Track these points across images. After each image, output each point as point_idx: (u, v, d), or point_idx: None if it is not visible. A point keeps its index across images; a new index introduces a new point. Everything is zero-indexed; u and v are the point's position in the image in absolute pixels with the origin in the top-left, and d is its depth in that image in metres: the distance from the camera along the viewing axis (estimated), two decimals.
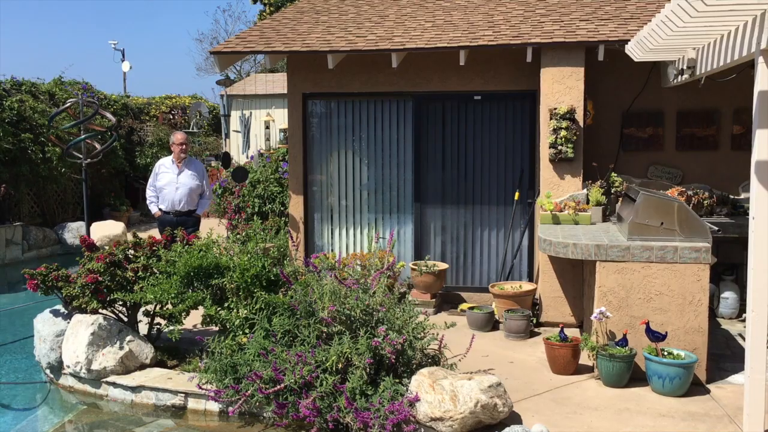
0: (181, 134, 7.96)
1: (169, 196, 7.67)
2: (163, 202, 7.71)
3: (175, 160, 7.79)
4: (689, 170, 7.33)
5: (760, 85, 4.06)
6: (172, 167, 7.77)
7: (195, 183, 7.76)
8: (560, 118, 6.78)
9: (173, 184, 7.69)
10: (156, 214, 7.80)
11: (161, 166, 7.86)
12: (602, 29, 7.02)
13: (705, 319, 5.22)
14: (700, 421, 4.58)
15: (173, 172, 7.74)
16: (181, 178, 7.70)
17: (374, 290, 5.24)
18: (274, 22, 8.35)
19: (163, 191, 7.71)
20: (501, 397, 4.47)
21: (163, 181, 7.73)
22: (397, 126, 7.95)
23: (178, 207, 7.66)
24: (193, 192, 7.74)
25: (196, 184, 7.76)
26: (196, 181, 7.78)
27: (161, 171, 7.81)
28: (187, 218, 7.68)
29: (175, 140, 7.86)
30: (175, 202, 7.66)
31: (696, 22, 4.33)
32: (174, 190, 7.67)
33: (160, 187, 7.73)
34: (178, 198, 7.66)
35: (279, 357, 4.86)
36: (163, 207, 7.72)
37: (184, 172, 7.74)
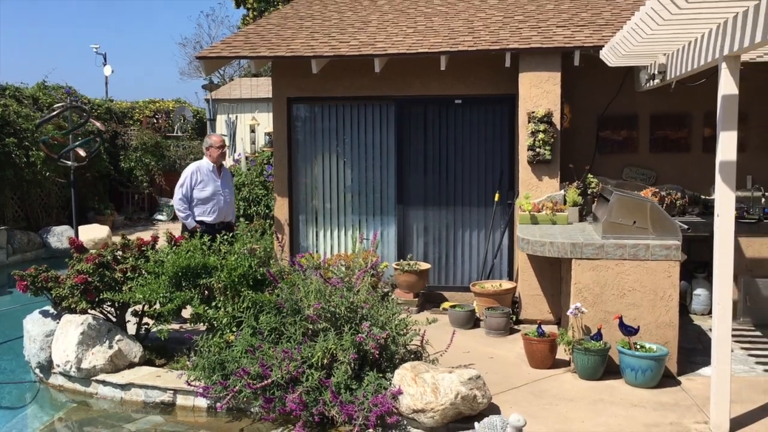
0: (218, 137, 7.34)
1: (218, 207, 7.04)
2: (209, 213, 7.01)
3: (214, 167, 7.12)
4: (662, 171, 7.57)
5: (724, 90, 4.28)
6: (212, 175, 7.08)
7: (232, 192, 7.38)
8: (538, 121, 6.99)
9: (220, 193, 7.08)
10: (195, 228, 6.90)
11: (197, 174, 7.04)
12: (578, 35, 7.25)
13: (675, 313, 5.43)
14: (670, 410, 4.79)
15: (215, 180, 7.08)
16: (224, 186, 7.16)
17: (358, 289, 5.41)
18: (258, 27, 8.51)
19: (210, 202, 7.01)
20: (480, 389, 4.65)
21: (208, 190, 7.01)
22: (380, 129, 8.12)
23: (226, 218, 7.18)
24: (233, 200, 7.39)
25: (233, 189, 7.43)
26: (232, 189, 7.40)
27: (200, 179, 7.02)
28: (226, 228, 7.14)
29: (214, 143, 7.15)
30: (226, 212, 7.14)
31: (664, 29, 4.54)
32: (223, 199, 7.09)
33: (205, 197, 7.00)
34: (225, 208, 7.14)
35: (266, 354, 5.01)
36: (209, 219, 7.01)
37: (225, 178, 7.21)
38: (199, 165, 7.10)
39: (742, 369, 5.60)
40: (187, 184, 6.97)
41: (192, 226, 6.92)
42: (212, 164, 7.07)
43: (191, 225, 6.94)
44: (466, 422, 4.58)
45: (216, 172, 7.08)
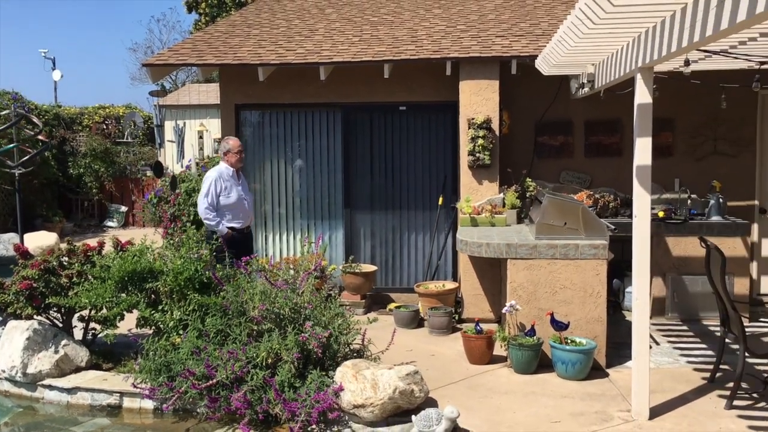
0: (236, 140, 6.90)
1: (244, 212, 6.80)
2: (237, 219, 6.73)
3: (234, 171, 6.78)
4: (597, 175, 7.93)
5: (639, 99, 4.59)
6: (233, 179, 6.75)
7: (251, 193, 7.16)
8: (478, 127, 7.27)
9: (243, 197, 6.80)
10: (228, 234, 6.62)
11: (220, 180, 6.68)
12: (515, 45, 7.56)
13: (604, 309, 5.74)
14: (596, 400, 5.08)
15: (237, 185, 6.78)
16: (245, 191, 6.92)
17: (302, 290, 5.58)
18: (206, 35, 8.62)
19: (237, 207, 6.73)
20: (418, 384, 4.87)
21: (233, 196, 6.71)
22: (327, 135, 8.31)
23: (250, 221, 7.00)
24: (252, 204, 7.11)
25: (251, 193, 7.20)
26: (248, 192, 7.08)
27: (224, 186, 6.69)
28: (249, 234, 7.03)
29: (233, 147, 6.78)
30: (249, 216, 6.92)
31: (586, 42, 4.84)
32: (246, 204, 6.83)
33: (231, 203, 6.70)
34: (250, 211, 6.93)
35: (211, 355, 5.14)
36: (238, 225, 6.73)
37: (243, 182, 6.94)
38: (220, 171, 6.71)
39: (667, 361, 5.95)
40: (213, 192, 6.62)
41: (224, 232, 6.58)
42: (232, 169, 6.74)
43: (223, 231, 6.59)
44: (404, 416, 4.78)
45: (236, 176, 6.78)
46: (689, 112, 7.71)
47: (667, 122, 7.73)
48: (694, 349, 6.27)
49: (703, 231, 6.88)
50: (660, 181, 7.66)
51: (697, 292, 7.00)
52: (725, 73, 6.33)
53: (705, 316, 7.02)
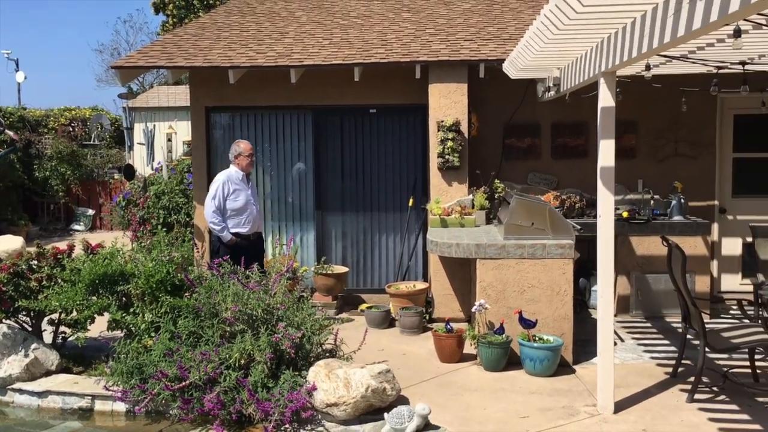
0: (247, 143, 6.77)
1: (252, 217, 6.66)
2: (244, 224, 6.61)
3: (244, 175, 6.68)
4: (563, 176, 8.10)
5: (602, 102, 4.73)
6: (242, 183, 6.65)
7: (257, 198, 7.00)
8: (447, 129, 7.39)
9: (252, 202, 6.68)
10: (232, 240, 6.54)
11: (230, 183, 6.59)
12: (483, 49, 7.69)
13: (570, 307, 5.89)
14: (563, 395, 5.21)
15: (246, 189, 6.67)
16: (254, 195, 6.80)
17: (275, 291, 5.63)
18: (175, 37, 8.61)
19: (245, 212, 6.60)
20: (390, 382, 4.95)
21: (242, 200, 6.58)
22: (298, 138, 8.36)
23: (258, 228, 6.83)
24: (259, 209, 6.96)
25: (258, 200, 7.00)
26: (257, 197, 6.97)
27: (234, 189, 6.59)
28: (259, 239, 6.92)
29: (244, 151, 6.67)
30: (257, 222, 6.76)
31: (551, 47, 4.97)
32: (255, 209, 6.72)
33: (239, 208, 6.57)
34: (259, 217, 6.79)
35: (184, 356, 5.16)
36: (244, 230, 6.60)
37: (252, 186, 6.84)
38: (229, 174, 6.64)
39: (632, 357, 6.12)
40: (220, 195, 6.53)
41: (228, 238, 6.51)
42: (242, 173, 6.65)
43: (227, 238, 6.52)
44: (376, 413, 4.86)
45: (245, 180, 6.68)
46: (651, 115, 7.92)
47: (631, 125, 7.93)
48: (657, 345, 6.46)
49: (665, 230, 7.08)
50: (624, 182, 7.86)
51: (660, 289, 7.20)
52: (685, 77, 6.52)
53: (668, 313, 7.21)
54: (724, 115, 7.96)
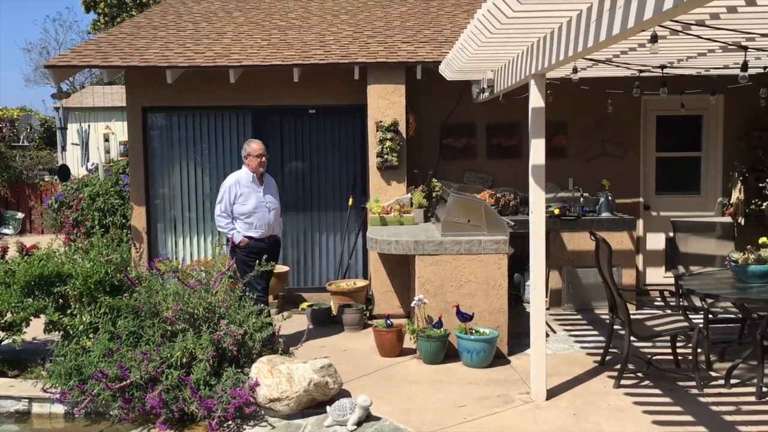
0: (258, 143, 6.48)
1: (264, 220, 6.39)
2: (255, 228, 6.36)
3: (255, 176, 6.44)
4: (498, 175, 8.36)
5: (533, 103, 4.96)
6: (253, 185, 6.41)
7: (277, 202, 6.63)
8: (385, 130, 7.54)
9: (264, 205, 6.41)
10: (243, 242, 6.33)
11: (238, 186, 6.38)
12: (420, 51, 7.88)
13: (505, 301, 6.12)
14: (499, 385, 5.43)
15: (258, 191, 6.42)
16: (269, 197, 6.48)
17: (216, 290, 5.66)
18: (110, 36, 8.50)
19: (254, 215, 6.34)
20: (332, 376, 5.06)
21: (251, 203, 6.35)
22: (237, 138, 8.36)
23: (273, 231, 6.51)
24: (279, 212, 6.64)
25: (278, 203, 6.64)
26: (277, 199, 6.64)
27: (242, 191, 6.36)
28: (276, 244, 6.62)
29: (253, 151, 6.40)
30: (271, 225, 6.45)
31: (484, 50, 5.17)
32: (267, 212, 6.42)
33: (249, 211, 6.34)
34: (272, 220, 6.47)
35: (125, 356, 5.14)
36: (256, 234, 6.35)
37: (268, 188, 6.54)
38: (238, 176, 6.43)
39: (563, 347, 6.39)
40: (226, 199, 6.36)
41: (240, 239, 6.31)
42: (252, 174, 6.40)
43: (238, 239, 6.31)
44: (319, 407, 4.96)
45: (257, 181, 6.42)
46: (581, 116, 8.26)
47: (561, 126, 8.26)
48: (587, 335, 6.76)
49: (594, 226, 7.39)
50: (556, 180, 8.18)
51: (590, 283, 7.52)
52: (612, 80, 6.84)
53: (597, 305, 7.55)
54: (648, 117, 8.38)
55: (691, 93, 7.13)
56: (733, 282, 5.57)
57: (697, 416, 4.77)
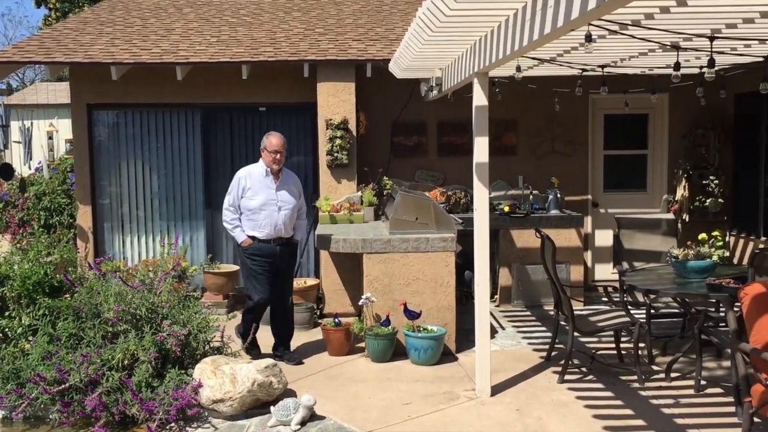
0: (277, 137, 5.90)
1: (271, 219, 5.82)
2: (260, 227, 5.84)
3: (270, 171, 5.93)
4: (449, 173, 8.40)
5: (476, 101, 4.99)
6: (267, 180, 5.88)
7: (297, 200, 6.04)
8: (335, 128, 7.51)
9: (274, 203, 5.86)
10: (246, 242, 5.86)
11: (248, 179, 5.88)
12: (370, 49, 7.87)
13: (453, 298, 6.15)
14: (446, 382, 5.45)
15: (270, 187, 5.88)
16: (283, 195, 5.91)
17: (160, 290, 5.57)
18: (55, 32, 8.31)
19: (261, 213, 5.83)
20: (276, 376, 5.02)
21: (259, 199, 5.83)
22: (186, 136, 8.25)
23: (282, 233, 5.90)
24: (294, 212, 6.02)
25: (297, 202, 6.06)
26: (297, 198, 6.06)
27: (251, 185, 5.85)
28: (288, 247, 6.03)
29: (269, 145, 5.86)
30: (279, 226, 5.86)
31: (429, 48, 5.18)
32: (276, 210, 5.85)
33: (255, 207, 5.83)
34: (282, 221, 5.86)
35: (64, 359, 5.02)
36: (260, 234, 5.84)
37: (284, 186, 5.97)
38: (251, 169, 5.96)
39: (511, 343, 6.45)
40: (234, 192, 5.89)
41: (242, 239, 5.85)
42: (266, 169, 5.89)
43: (241, 238, 5.87)
44: (264, 407, 4.91)
45: (272, 177, 5.87)
46: (531, 114, 8.34)
47: (511, 124, 8.33)
48: (534, 331, 6.84)
49: (542, 224, 7.49)
50: (506, 178, 8.26)
51: (539, 280, 7.60)
52: (560, 78, 6.92)
53: (546, 302, 7.63)
54: (596, 115, 8.50)
55: (636, 92, 7.26)
56: (674, 277, 5.68)
57: (636, 410, 4.86)
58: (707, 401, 5.03)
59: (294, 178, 6.13)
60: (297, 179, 6.17)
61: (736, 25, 4.31)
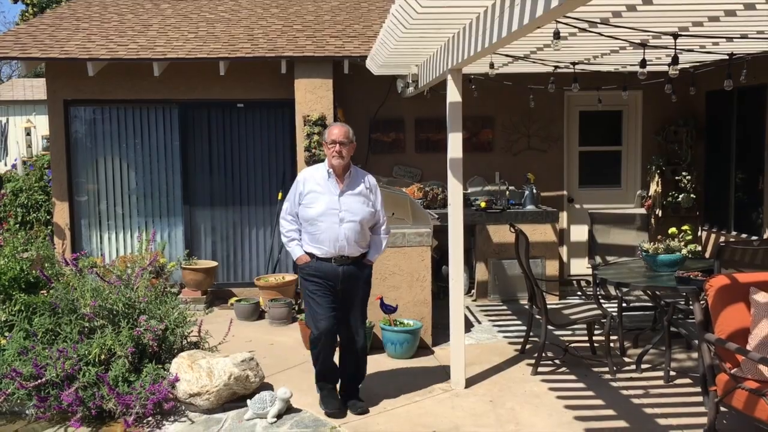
0: (338, 126, 4.78)
1: (331, 233, 4.63)
2: (319, 242, 4.67)
3: (332, 172, 4.73)
4: (427, 169, 8.47)
5: (450, 98, 5.06)
6: (329, 184, 4.71)
7: (368, 210, 4.75)
8: (313, 124, 7.56)
9: (335, 212, 4.64)
10: (301, 260, 4.75)
11: (308, 182, 4.75)
12: (348, 45, 7.91)
13: (429, 292, 6.22)
14: (421, 375, 5.53)
15: (332, 193, 4.70)
16: (348, 203, 4.69)
17: (137, 286, 5.58)
18: (31, 27, 8.26)
19: (319, 224, 4.65)
20: (253, 369, 5.06)
21: (318, 207, 4.65)
22: (164, 132, 8.24)
23: (346, 251, 4.68)
24: (367, 224, 4.76)
25: (369, 212, 4.76)
26: (370, 207, 4.77)
27: (311, 190, 4.71)
28: (356, 268, 4.77)
29: (327, 135, 4.74)
30: (342, 242, 4.65)
31: (403, 45, 5.24)
32: (337, 222, 4.64)
33: (312, 217, 4.66)
34: (345, 235, 4.64)
35: (40, 354, 5.02)
36: (319, 251, 4.68)
37: (351, 191, 4.73)
38: (311, 171, 4.85)
39: (486, 337, 6.54)
40: (292, 198, 4.81)
41: (297, 254, 4.76)
42: (329, 169, 4.74)
43: (296, 253, 4.77)
44: (240, 401, 4.95)
45: (336, 179, 4.72)
46: (507, 111, 8.44)
47: (488, 120, 8.43)
48: (510, 325, 6.94)
49: (518, 219, 7.59)
50: (483, 174, 8.35)
51: (515, 274, 7.69)
52: (536, 75, 7.01)
53: (522, 296, 7.74)
54: (571, 112, 8.62)
55: (609, 89, 7.37)
56: (645, 271, 5.80)
57: (607, 400, 4.97)
58: (676, 391, 5.15)
59: (368, 181, 4.85)
60: (373, 183, 4.89)
61: (702, 23, 4.41)
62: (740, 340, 4.16)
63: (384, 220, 4.92)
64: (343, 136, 4.69)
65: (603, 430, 4.54)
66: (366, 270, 4.86)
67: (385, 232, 4.93)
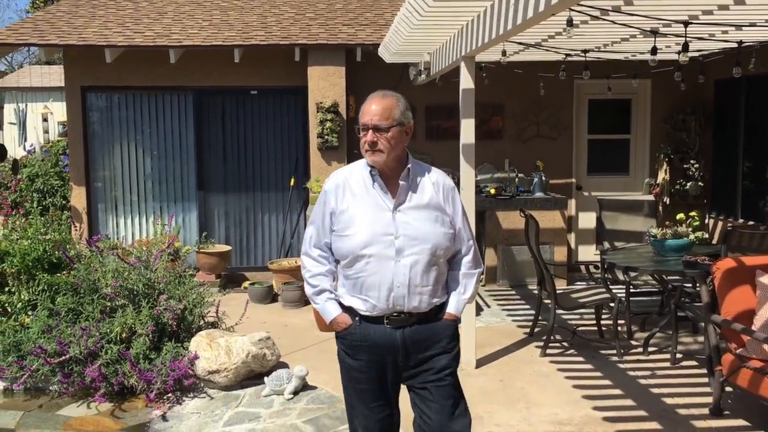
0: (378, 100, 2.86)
1: (383, 275, 2.78)
2: (361, 291, 2.84)
3: (376, 174, 2.86)
4: (437, 156, 8.55)
5: (463, 85, 5.17)
6: (375, 191, 2.85)
7: (442, 232, 2.84)
8: (326, 111, 7.68)
9: (388, 239, 2.79)
10: (339, 323, 2.95)
11: (341, 192, 2.89)
12: (360, 33, 8.02)
13: None
14: None
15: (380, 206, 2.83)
16: (408, 221, 2.82)
17: (156, 267, 5.73)
18: (48, 14, 8.39)
19: (360, 261, 2.81)
20: (270, 348, 5.21)
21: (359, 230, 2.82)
22: (179, 118, 8.38)
23: (406, 303, 2.80)
24: (442, 254, 2.85)
25: (445, 235, 2.84)
26: (445, 226, 2.86)
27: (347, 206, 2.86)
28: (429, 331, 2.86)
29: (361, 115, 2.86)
30: (398, 288, 2.79)
31: (417, 33, 5.35)
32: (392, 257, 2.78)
33: (346, 250, 2.83)
34: (406, 277, 2.78)
35: (64, 332, 5.18)
36: (364, 305, 2.84)
37: (412, 202, 2.85)
38: (346, 173, 2.95)
39: (496, 320, 6.68)
40: (319, 221, 2.95)
41: (332, 314, 2.96)
42: (370, 169, 2.86)
43: (330, 312, 2.96)
44: (257, 378, 5.11)
45: (381, 185, 2.85)
46: (517, 98, 8.53)
47: (498, 108, 8.52)
48: (519, 309, 7.07)
49: (528, 206, 7.69)
50: (492, 161, 8.45)
51: (524, 260, 7.81)
52: (546, 63, 7.10)
53: (530, 282, 7.85)
54: (580, 100, 8.70)
55: (619, 77, 7.45)
56: (652, 256, 5.91)
57: (614, 380, 5.09)
58: (682, 373, 5.27)
59: (439, 182, 2.98)
60: (447, 184, 3.00)
61: (712, 11, 4.50)
62: (746, 321, 4.28)
63: (471, 244, 2.99)
64: (380, 116, 2.81)
65: (610, 407, 4.66)
66: (447, 332, 2.90)
67: (472, 264, 2.97)
